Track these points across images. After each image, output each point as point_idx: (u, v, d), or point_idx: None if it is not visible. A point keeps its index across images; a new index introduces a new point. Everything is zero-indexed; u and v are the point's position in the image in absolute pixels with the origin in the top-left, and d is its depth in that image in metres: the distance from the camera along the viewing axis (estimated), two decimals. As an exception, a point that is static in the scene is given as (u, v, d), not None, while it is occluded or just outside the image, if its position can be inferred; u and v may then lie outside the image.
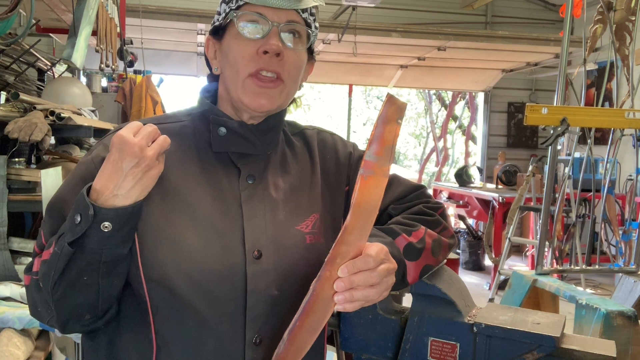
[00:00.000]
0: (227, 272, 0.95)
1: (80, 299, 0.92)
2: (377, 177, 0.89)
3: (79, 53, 2.83)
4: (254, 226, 0.99)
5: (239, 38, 0.98)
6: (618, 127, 2.66)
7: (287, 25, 0.99)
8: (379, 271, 0.89)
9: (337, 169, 1.13)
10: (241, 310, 0.96)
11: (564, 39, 2.52)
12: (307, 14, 1.02)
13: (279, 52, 0.97)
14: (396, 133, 0.90)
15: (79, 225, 0.86)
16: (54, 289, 0.90)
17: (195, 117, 1.06)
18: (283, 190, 1.05)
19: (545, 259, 3.80)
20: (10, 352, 1.63)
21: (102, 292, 0.92)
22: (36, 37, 3.90)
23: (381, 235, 1.01)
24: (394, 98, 0.90)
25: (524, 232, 7.26)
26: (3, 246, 2.01)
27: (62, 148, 2.98)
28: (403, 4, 7.98)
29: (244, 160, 1.02)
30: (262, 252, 0.98)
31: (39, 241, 0.99)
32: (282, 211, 1.02)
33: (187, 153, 1.01)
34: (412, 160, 15.75)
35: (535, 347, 0.98)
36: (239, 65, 0.98)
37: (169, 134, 0.99)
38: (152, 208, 0.95)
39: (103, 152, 0.97)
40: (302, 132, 1.16)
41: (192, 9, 5.91)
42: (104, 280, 0.91)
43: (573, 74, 4.45)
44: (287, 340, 0.90)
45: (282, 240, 1.00)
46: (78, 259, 0.88)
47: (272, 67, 0.98)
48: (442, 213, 1.14)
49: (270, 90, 0.99)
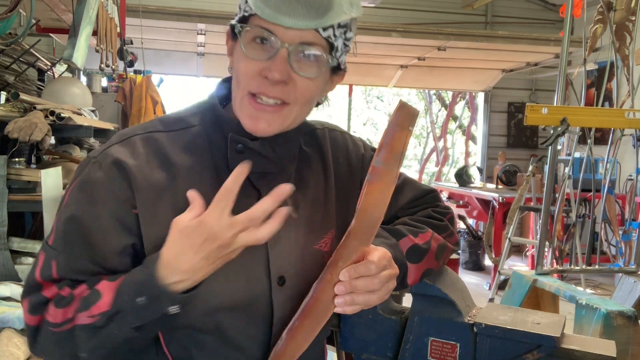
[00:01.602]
0: (252, 301, 0.91)
1: (115, 354, 0.87)
2: (384, 184, 0.88)
3: (80, 53, 2.83)
4: (278, 253, 0.93)
5: (247, 51, 0.87)
6: (618, 127, 2.66)
7: (300, 47, 0.85)
8: (381, 277, 0.88)
9: (350, 172, 1.07)
10: (265, 337, 0.93)
11: (564, 39, 2.52)
12: (331, 30, 0.86)
13: (284, 80, 0.86)
14: (406, 140, 0.88)
15: (146, 310, 0.80)
16: (93, 356, 0.85)
17: (206, 120, 0.95)
18: (301, 208, 0.97)
19: (545, 259, 3.79)
20: (10, 352, 1.63)
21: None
22: (36, 37, 3.89)
23: (386, 236, 1.00)
24: (407, 105, 0.89)
25: (524, 232, 7.25)
26: (3, 246, 2.01)
27: (62, 148, 2.99)
28: (403, 4, 7.97)
29: (263, 180, 0.93)
30: (286, 277, 0.93)
31: (47, 271, 0.87)
32: (302, 231, 0.97)
33: (204, 170, 0.91)
34: (412, 160, 15.73)
35: (535, 347, 0.98)
36: (241, 80, 0.88)
37: (182, 144, 0.92)
38: (167, 230, 0.83)
39: (120, 170, 0.87)
40: (313, 131, 1.07)
41: (192, 9, 5.90)
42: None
43: (573, 74, 4.45)
44: (286, 339, 0.90)
45: (304, 263, 0.95)
46: (135, 337, 0.84)
47: (273, 94, 0.86)
48: (451, 218, 1.13)
49: (270, 115, 0.88)
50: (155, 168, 0.89)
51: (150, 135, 0.92)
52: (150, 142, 0.91)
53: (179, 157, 0.91)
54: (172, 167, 0.90)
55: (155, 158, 0.90)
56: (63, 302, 0.85)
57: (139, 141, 0.91)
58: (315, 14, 0.83)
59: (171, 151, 0.91)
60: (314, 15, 0.83)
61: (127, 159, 0.88)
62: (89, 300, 0.83)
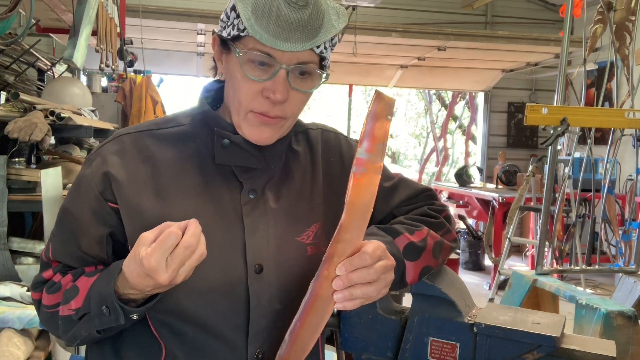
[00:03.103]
0: (229, 287, 0.94)
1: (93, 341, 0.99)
2: (370, 175, 0.89)
3: (80, 53, 2.84)
4: (255, 241, 0.97)
5: (245, 70, 0.91)
6: (618, 127, 2.66)
7: (297, 67, 0.91)
8: (377, 268, 0.88)
9: (342, 172, 1.09)
10: (244, 325, 0.95)
11: (564, 39, 2.52)
12: (322, 45, 0.93)
13: (285, 100, 0.92)
14: (386, 129, 0.89)
15: (108, 317, 0.89)
16: (71, 342, 0.97)
17: (195, 120, 1.02)
18: (283, 200, 1.02)
19: (545, 259, 3.79)
20: (10, 352, 1.63)
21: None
22: (36, 37, 3.90)
23: (381, 235, 1.00)
24: (382, 94, 0.89)
25: (524, 232, 7.26)
26: (3, 246, 2.01)
27: (62, 148, 2.99)
28: (403, 4, 7.97)
29: (247, 174, 0.99)
30: (264, 266, 0.96)
31: (47, 253, 1.01)
32: (283, 223, 1.00)
33: (188, 162, 0.98)
34: (412, 160, 15.74)
35: (536, 347, 0.98)
36: (241, 99, 0.94)
37: (169, 140, 0.99)
38: (151, 221, 0.91)
39: (102, 167, 0.96)
40: (306, 131, 1.11)
41: (192, 9, 5.91)
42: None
43: (573, 74, 4.46)
44: (289, 342, 0.90)
45: (284, 253, 0.98)
46: (100, 336, 0.94)
47: (274, 113, 0.93)
48: (447, 216, 1.13)
49: (272, 127, 0.96)
50: (140, 163, 0.97)
51: (139, 134, 1.00)
52: (138, 140, 0.99)
53: (164, 152, 0.98)
54: (156, 162, 0.97)
55: (141, 154, 0.97)
56: (52, 288, 0.97)
57: (128, 139, 0.99)
58: (310, 35, 0.89)
59: (157, 147, 0.99)
60: (309, 37, 0.89)
61: (113, 156, 0.97)
62: (68, 294, 0.94)
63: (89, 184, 0.96)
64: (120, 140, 0.99)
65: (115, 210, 0.95)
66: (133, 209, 0.94)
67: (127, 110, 4.19)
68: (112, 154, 0.97)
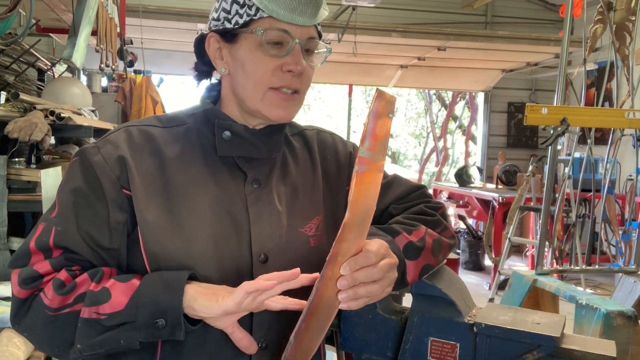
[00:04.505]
0: (234, 276, 0.95)
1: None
2: (372, 173, 0.89)
3: (79, 53, 2.83)
4: (260, 230, 0.98)
5: (261, 50, 0.96)
6: (618, 127, 2.66)
7: (308, 42, 0.99)
8: (381, 266, 0.89)
9: (338, 170, 1.13)
10: (247, 315, 0.95)
11: (564, 39, 2.52)
12: (319, 26, 1.02)
13: (304, 71, 0.98)
14: (388, 128, 0.90)
15: (160, 331, 0.86)
16: (86, 351, 0.88)
17: (198, 118, 1.04)
18: (286, 193, 1.05)
19: (545, 259, 3.80)
20: (10, 352, 1.63)
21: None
22: (36, 37, 3.90)
23: (381, 234, 1.01)
24: (384, 93, 0.90)
25: (524, 232, 7.26)
26: (3, 246, 2.01)
27: (62, 148, 2.99)
28: (403, 4, 7.97)
29: (250, 164, 1.02)
30: (269, 256, 0.98)
31: (44, 237, 0.91)
32: (286, 214, 1.02)
33: (193, 157, 1.00)
34: (412, 160, 15.74)
35: (535, 347, 0.98)
36: (259, 77, 0.97)
37: (173, 138, 1.01)
38: (160, 213, 0.94)
39: (116, 151, 0.95)
40: (302, 132, 1.15)
41: (192, 9, 5.91)
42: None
43: (573, 74, 4.45)
44: (294, 343, 0.89)
45: (288, 243, 1.00)
46: (135, 347, 0.89)
47: (294, 86, 0.98)
48: (443, 213, 1.14)
49: (290, 103, 1.00)
50: (148, 156, 0.97)
51: (146, 128, 1.01)
52: (145, 133, 1.00)
53: (170, 148, 1.00)
54: (163, 157, 0.98)
55: (148, 147, 0.98)
56: (64, 289, 0.89)
57: (135, 130, 1.00)
58: (316, 12, 0.97)
59: (163, 143, 1.00)
60: (315, 13, 0.97)
61: (124, 143, 0.97)
62: (97, 297, 0.87)
63: (103, 169, 0.94)
64: (127, 130, 1.00)
65: (129, 197, 0.94)
66: (144, 198, 0.94)
67: (127, 110, 4.18)
68: (123, 141, 0.97)
